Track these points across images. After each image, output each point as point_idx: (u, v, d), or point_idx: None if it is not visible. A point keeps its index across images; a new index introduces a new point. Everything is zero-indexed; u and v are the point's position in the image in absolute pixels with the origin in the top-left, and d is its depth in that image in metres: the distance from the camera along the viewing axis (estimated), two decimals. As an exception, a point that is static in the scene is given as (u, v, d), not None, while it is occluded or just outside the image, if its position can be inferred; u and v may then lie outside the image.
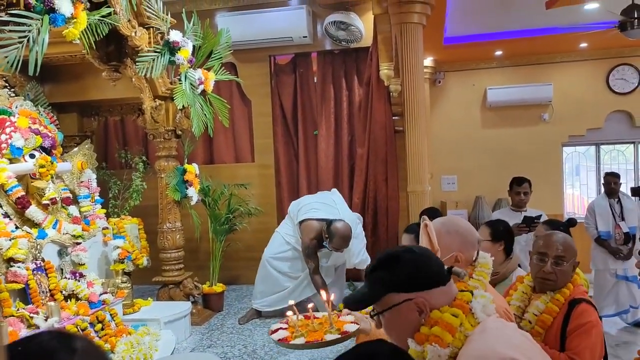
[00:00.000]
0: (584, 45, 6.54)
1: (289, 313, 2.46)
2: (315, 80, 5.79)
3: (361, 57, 5.63)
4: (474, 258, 1.82)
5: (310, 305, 2.57)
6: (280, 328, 2.37)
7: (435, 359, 1.26)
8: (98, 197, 4.51)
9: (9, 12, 2.51)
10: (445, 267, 1.45)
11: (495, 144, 7.31)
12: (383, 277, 1.33)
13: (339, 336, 2.00)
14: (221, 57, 4.66)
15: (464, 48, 6.49)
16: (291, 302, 2.52)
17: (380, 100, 5.48)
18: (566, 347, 1.97)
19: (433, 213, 4.10)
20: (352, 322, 2.10)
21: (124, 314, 4.05)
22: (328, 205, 4.41)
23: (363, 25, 5.32)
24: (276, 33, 5.37)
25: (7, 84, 4.17)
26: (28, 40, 2.56)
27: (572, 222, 3.46)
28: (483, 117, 7.45)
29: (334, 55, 5.72)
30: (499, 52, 6.93)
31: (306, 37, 5.38)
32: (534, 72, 7.16)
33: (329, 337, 2.15)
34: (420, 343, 1.29)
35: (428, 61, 6.90)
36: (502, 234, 2.81)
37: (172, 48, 3.82)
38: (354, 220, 4.48)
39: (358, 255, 4.46)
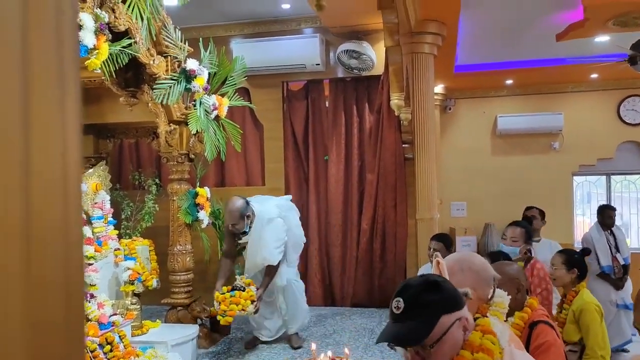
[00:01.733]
0: (594, 76, 6.59)
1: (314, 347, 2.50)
2: (326, 106, 5.88)
3: (372, 85, 5.71)
4: (489, 296, 1.81)
5: (346, 350, 2.61)
6: None
7: None
8: (111, 218, 4.58)
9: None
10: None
11: (505, 171, 7.33)
12: (435, 300, 1.33)
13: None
14: (235, 84, 4.75)
15: (474, 76, 6.57)
16: (313, 346, 2.55)
17: (391, 127, 5.55)
18: None
19: (444, 239, 4.14)
20: None
21: (132, 336, 4.07)
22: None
23: (375, 54, 5.42)
24: (290, 60, 5.48)
25: (27, 107, 4.28)
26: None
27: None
28: (493, 145, 7.49)
29: (346, 83, 5.82)
30: (509, 81, 6.99)
31: (319, 64, 5.49)
32: (544, 101, 7.21)
33: None
34: None
35: (439, 88, 6.97)
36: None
37: (189, 76, 3.93)
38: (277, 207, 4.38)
39: (265, 245, 4.24)
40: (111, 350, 3.69)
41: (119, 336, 3.85)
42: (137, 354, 3.79)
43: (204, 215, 4.54)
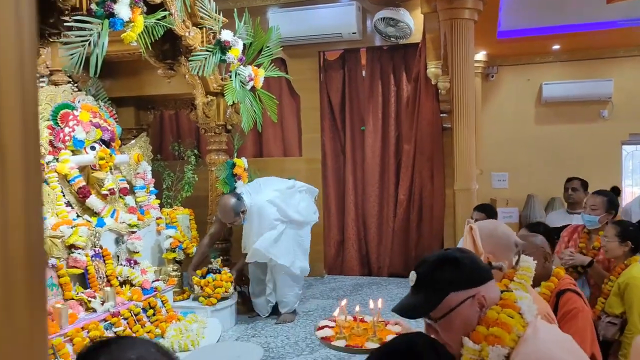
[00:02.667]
0: (648, 39, 6.23)
1: (336, 313, 2.55)
2: (363, 76, 5.80)
3: (410, 53, 5.59)
4: (513, 262, 1.88)
5: (357, 309, 2.64)
6: (327, 326, 2.47)
7: (495, 359, 1.30)
8: (153, 188, 4.73)
9: (73, 17, 2.68)
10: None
11: (550, 141, 7.09)
12: (445, 278, 1.36)
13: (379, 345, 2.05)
14: (271, 54, 4.76)
15: (518, 42, 6.31)
16: (343, 302, 2.61)
17: (428, 97, 5.44)
18: None
19: (486, 209, 4.09)
20: (397, 333, 2.15)
21: (174, 301, 4.24)
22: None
23: (413, 21, 5.28)
24: (326, 29, 5.42)
25: (70, 80, 4.42)
26: (89, 43, 2.72)
27: (615, 190, 3.46)
28: (537, 113, 7.23)
29: (383, 52, 5.71)
30: (556, 47, 6.69)
31: (355, 33, 5.40)
32: (593, 67, 6.88)
33: (370, 345, 2.24)
34: (477, 342, 1.33)
35: (480, 55, 6.75)
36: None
37: (223, 47, 3.95)
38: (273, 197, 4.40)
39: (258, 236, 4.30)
40: (154, 314, 3.86)
41: (161, 301, 4.02)
42: (178, 318, 3.96)
43: (241, 185, 4.62)
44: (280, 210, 4.34)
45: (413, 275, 1.43)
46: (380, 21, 5.28)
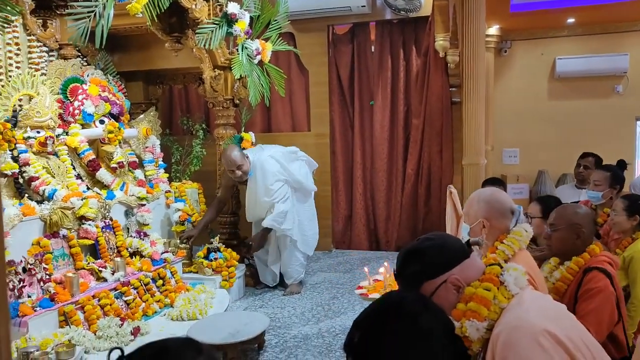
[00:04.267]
0: (666, 12, 6.06)
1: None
2: (372, 50, 5.75)
3: (420, 26, 5.52)
4: (509, 228, 1.93)
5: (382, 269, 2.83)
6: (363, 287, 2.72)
7: (474, 333, 1.33)
8: (161, 162, 4.78)
9: (77, -12, 2.70)
10: (469, 235, 1.50)
11: (562, 116, 6.98)
12: (415, 271, 1.40)
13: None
14: (279, 28, 4.73)
15: (532, 15, 6.18)
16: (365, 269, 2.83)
17: (437, 71, 5.39)
18: (575, 312, 2.04)
19: (496, 183, 4.08)
20: None
21: (183, 272, 4.32)
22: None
23: (423, -7, 5.20)
24: (335, 3, 5.35)
25: (80, 54, 4.45)
26: (95, 15, 2.73)
27: (621, 164, 3.43)
28: (550, 88, 7.11)
29: (392, 25, 5.64)
30: (570, 20, 6.55)
31: (364, 6, 5.33)
32: (608, 41, 6.73)
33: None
34: (457, 319, 1.36)
35: (493, 30, 6.63)
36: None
37: (230, 20, 3.93)
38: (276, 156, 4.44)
39: (267, 195, 4.33)
40: (163, 285, 3.95)
41: (171, 272, 4.10)
42: (187, 289, 4.04)
43: (249, 159, 4.64)
44: (282, 167, 4.40)
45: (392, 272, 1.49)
46: (389, -7, 5.20)
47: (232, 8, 3.94)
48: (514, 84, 7.18)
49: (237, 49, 4.24)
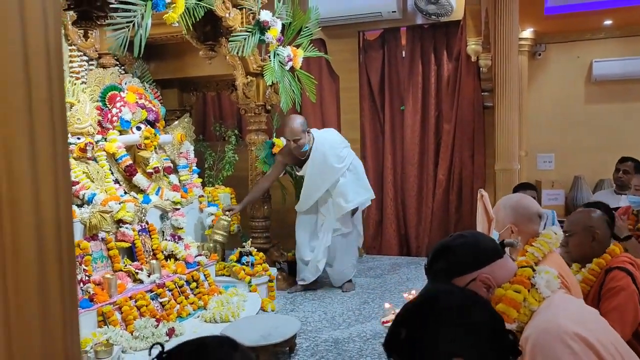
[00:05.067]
0: None
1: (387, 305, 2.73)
2: (403, 56, 5.75)
3: (451, 31, 5.50)
4: (538, 232, 1.96)
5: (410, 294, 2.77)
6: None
7: None
8: (195, 167, 4.89)
9: (117, -1, 2.81)
10: (498, 241, 1.50)
11: (600, 120, 6.82)
12: (442, 268, 1.39)
13: None
14: (311, 34, 4.78)
15: (568, 18, 6.08)
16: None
17: (469, 75, 5.35)
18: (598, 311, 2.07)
19: (527, 188, 4.03)
20: None
21: (216, 275, 4.39)
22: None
23: (454, -3, 5.18)
24: (366, 9, 5.38)
25: (118, 63, 4.61)
26: (133, 25, 2.83)
27: None
28: (587, 92, 6.96)
29: (423, 30, 5.64)
30: (607, 22, 6.41)
31: (395, 12, 5.35)
32: (647, 43, 6.55)
33: None
34: None
35: (527, 33, 6.55)
36: None
37: (262, 27, 4.01)
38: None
39: (338, 170, 4.41)
40: (197, 287, 4.02)
41: (204, 275, 4.18)
42: (219, 292, 4.11)
43: (280, 165, 4.70)
44: (345, 142, 4.57)
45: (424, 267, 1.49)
46: (420, -1, 5.21)
47: (265, 16, 4.02)
48: (549, 88, 7.06)
49: (269, 56, 4.31)
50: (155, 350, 1.08)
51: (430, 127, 5.65)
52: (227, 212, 4.50)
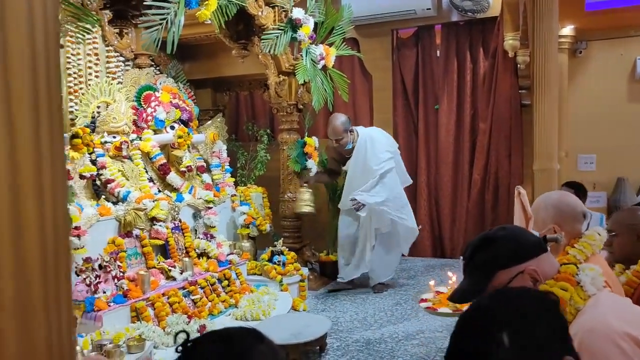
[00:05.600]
0: None
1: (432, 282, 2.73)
2: (438, 54, 5.65)
3: (488, 27, 5.37)
4: (581, 232, 1.84)
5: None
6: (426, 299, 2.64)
7: None
8: (228, 167, 4.92)
9: (151, -3, 2.84)
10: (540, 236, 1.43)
11: (644, 120, 6.55)
12: (486, 258, 1.33)
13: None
14: (343, 33, 4.75)
15: (610, 14, 5.85)
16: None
17: (506, 72, 5.21)
18: None
19: (576, 186, 3.90)
20: None
21: (247, 274, 4.40)
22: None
23: (491, -7, 5.06)
24: (399, 6, 5.32)
25: (153, 63, 4.68)
26: (167, 22, 2.86)
27: None
28: (631, 90, 6.68)
29: (459, 27, 5.52)
30: (653, 17, 6.15)
31: (430, 9, 5.26)
32: (696, 38, 6.25)
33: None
34: None
35: (567, 30, 6.34)
36: None
37: (295, 25, 4.00)
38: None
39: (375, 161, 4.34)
40: (228, 285, 4.03)
41: (235, 273, 4.19)
42: (251, 290, 4.10)
43: (312, 164, 4.69)
44: (390, 143, 4.53)
45: (462, 261, 1.42)
46: (455, -5, 5.10)
47: (297, 13, 4.01)
48: (590, 87, 6.82)
49: (301, 55, 4.29)
50: (180, 339, 1.07)
51: (465, 126, 5.52)
52: (305, 184, 4.57)
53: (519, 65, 5.08)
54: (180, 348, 1.04)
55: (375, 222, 4.43)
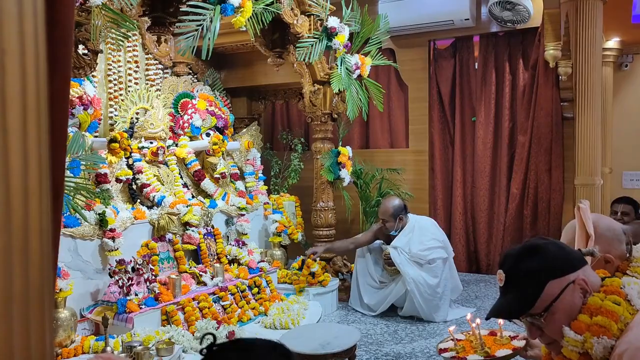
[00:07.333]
0: None
1: (452, 328, 2.50)
2: (476, 65, 5.55)
3: (528, 38, 5.24)
4: (626, 252, 1.69)
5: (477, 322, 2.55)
6: (452, 339, 2.44)
7: (601, 351, 1.18)
8: (261, 175, 4.94)
9: (188, 3, 2.89)
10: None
11: (694, 136, 6.26)
12: (536, 267, 1.25)
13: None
14: (379, 42, 4.73)
15: (658, 26, 5.65)
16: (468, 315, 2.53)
17: (547, 84, 5.07)
18: None
19: (632, 202, 3.72)
20: (515, 348, 2.07)
21: (278, 282, 4.38)
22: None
23: (531, 2, 4.94)
24: (437, 17, 5.26)
25: (190, 71, 4.77)
26: (202, 29, 2.90)
27: None
28: (679, 106, 6.42)
29: (498, 38, 5.42)
30: None
31: (468, 19, 5.18)
32: None
33: (472, 357, 2.18)
34: (580, 332, 1.21)
35: (612, 42, 6.15)
36: None
37: (330, 34, 4.00)
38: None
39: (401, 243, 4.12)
40: (258, 293, 4.02)
41: (266, 281, 4.17)
42: (281, 298, 4.08)
43: (345, 174, 4.65)
44: (439, 232, 4.29)
45: (501, 273, 1.31)
46: (495, 5, 5.01)
47: (332, 22, 4.01)
48: (636, 101, 6.57)
49: (336, 64, 4.29)
50: (207, 341, 1.06)
51: (503, 138, 5.38)
52: (313, 255, 4.34)
53: (560, 77, 4.93)
54: (204, 351, 1.03)
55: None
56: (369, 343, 3.60)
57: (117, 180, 3.72)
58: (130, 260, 3.39)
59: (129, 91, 4.16)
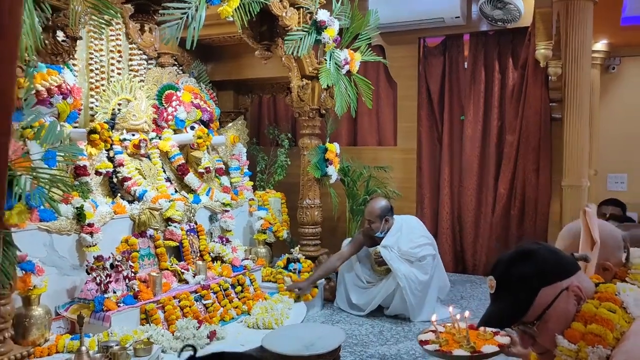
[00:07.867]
0: None
1: (434, 318, 2.47)
2: (465, 64, 5.51)
3: (518, 38, 5.21)
4: (623, 259, 1.66)
5: (467, 315, 2.52)
6: (431, 331, 2.40)
7: None
8: (247, 170, 4.84)
9: (173, -9, 2.78)
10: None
11: (680, 139, 6.30)
12: (528, 274, 1.21)
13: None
14: (369, 38, 4.65)
15: (647, 29, 5.66)
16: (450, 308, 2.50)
17: (537, 83, 5.04)
18: None
19: (621, 204, 3.69)
20: (500, 345, 2.07)
21: (262, 281, 4.29)
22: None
23: (522, 1, 4.91)
24: (427, 14, 5.20)
25: (175, 63, 4.64)
26: (188, 17, 2.80)
27: None
28: (666, 109, 6.45)
29: (488, 37, 5.38)
30: (692, 32, 5.92)
31: (459, 17, 5.13)
32: None
33: (458, 352, 2.17)
34: (574, 341, 1.16)
35: (600, 45, 6.14)
36: None
37: (319, 27, 3.92)
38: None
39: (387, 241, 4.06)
40: (242, 291, 3.93)
41: (250, 279, 4.08)
42: (265, 297, 3.99)
43: (332, 171, 4.57)
44: (425, 231, 4.25)
45: (491, 280, 1.27)
46: (486, 4, 4.97)
47: (322, 15, 3.93)
48: (623, 104, 6.59)
49: (325, 58, 4.21)
50: (186, 353, 0.98)
51: (491, 138, 5.35)
52: (297, 291, 4.09)
53: (550, 77, 4.91)
54: None
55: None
56: (353, 344, 3.53)
57: (97, 173, 3.60)
58: (109, 257, 3.28)
59: (111, 81, 4.04)
